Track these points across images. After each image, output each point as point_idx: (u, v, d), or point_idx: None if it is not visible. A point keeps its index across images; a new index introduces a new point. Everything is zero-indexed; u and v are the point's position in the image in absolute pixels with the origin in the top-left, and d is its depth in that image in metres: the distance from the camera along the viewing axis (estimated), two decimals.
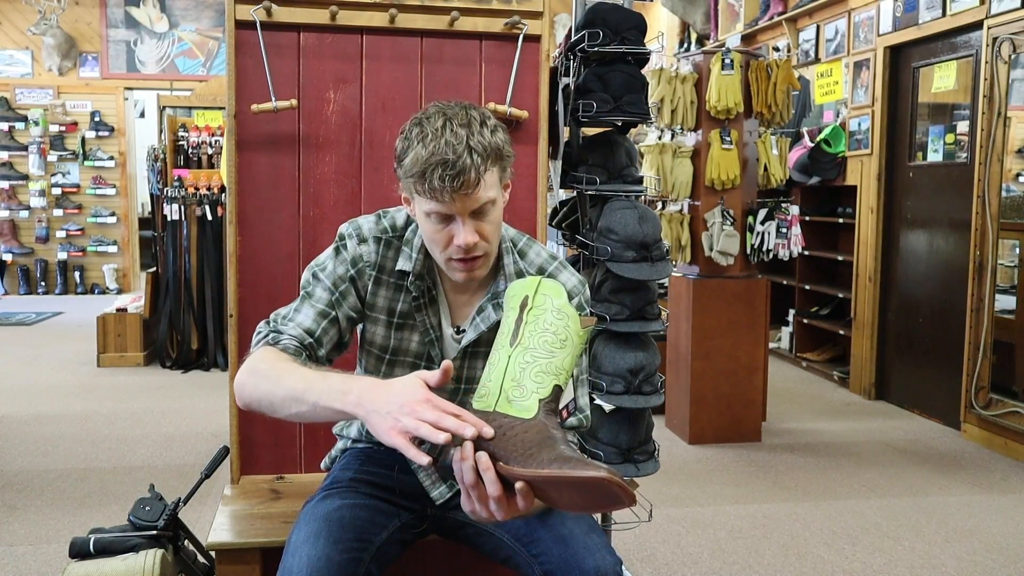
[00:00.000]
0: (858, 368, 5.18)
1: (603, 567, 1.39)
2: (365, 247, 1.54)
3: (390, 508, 1.59)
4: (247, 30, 2.05)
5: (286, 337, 1.47)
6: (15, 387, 5.00)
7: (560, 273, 1.57)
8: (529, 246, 1.59)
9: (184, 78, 9.06)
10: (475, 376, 1.55)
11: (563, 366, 1.28)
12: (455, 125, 1.35)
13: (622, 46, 2.24)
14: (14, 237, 8.98)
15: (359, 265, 1.54)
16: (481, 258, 1.44)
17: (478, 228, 1.40)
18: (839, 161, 5.31)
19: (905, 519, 3.20)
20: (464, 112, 1.38)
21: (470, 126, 1.36)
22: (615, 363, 2.16)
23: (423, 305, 1.54)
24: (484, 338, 1.53)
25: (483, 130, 1.37)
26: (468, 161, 1.33)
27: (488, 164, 1.36)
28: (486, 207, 1.39)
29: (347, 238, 1.55)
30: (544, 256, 1.59)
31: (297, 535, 1.44)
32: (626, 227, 2.15)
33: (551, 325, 1.28)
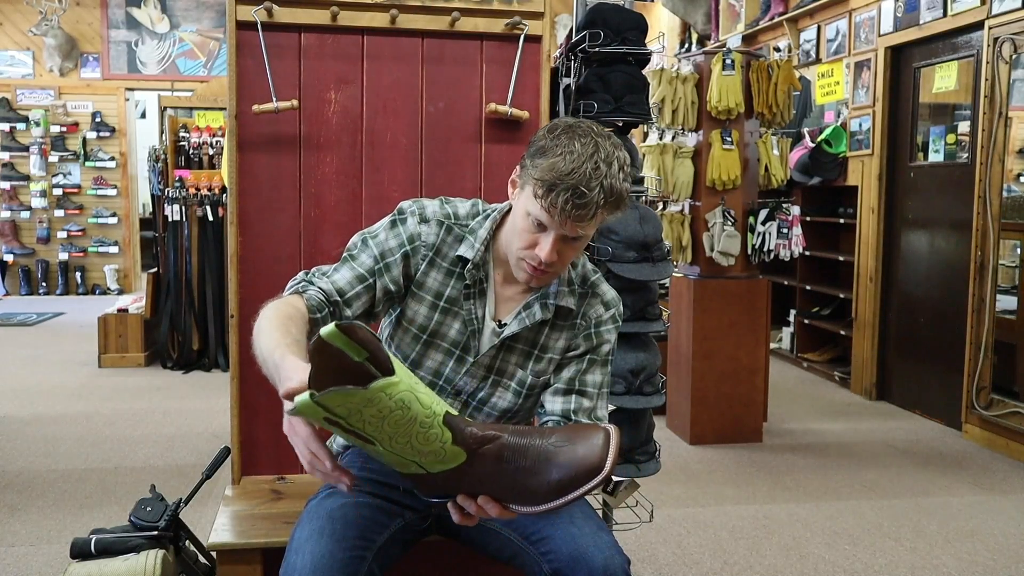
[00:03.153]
0: (859, 368, 5.17)
1: (612, 566, 1.40)
2: (426, 227, 1.55)
3: (392, 507, 1.59)
4: (248, 31, 2.05)
5: (314, 289, 1.48)
6: (16, 387, 5.00)
7: (601, 284, 1.62)
8: (579, 256, 1.62)
9: (185, 79, 9.07)
10: (506, 369, 1.58)
11: (417, 416, 1.13)
12: (599, 159, 1.36)
13: (623, 47, 2.24)
14: (15, 238, 8.98)
15: (416, 243, 1.55)
16: (552, 274, 1.49)
17: (561, 250, 1.44)
18: (840, 161, 5.31)
19: (906, 519, 3.20)
20: (611, 148, 1.39)
21: (611, 165, 1.37)
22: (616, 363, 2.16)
23: (473, 294, 1.55)
24: (523, 335, 1.56)
25: (619, 173, 1.38)
26: (595, 198, 1.36)
27: (607, 207, 1.39)
28: (581, 238, 1.44)
29: (408, 214, 1.56)
30: (589, 267, 1.63)
31: (300, 532, 1.44)
32: (627, 227, 2.15)
33: (375, 415, 1.11)
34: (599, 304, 1.60)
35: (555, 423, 1.55)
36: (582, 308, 1.59)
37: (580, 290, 1.59)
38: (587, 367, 1.58)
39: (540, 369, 1.58)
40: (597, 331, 1.59)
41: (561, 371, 1.59)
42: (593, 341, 1.59)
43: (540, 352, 1.58)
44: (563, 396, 1.57)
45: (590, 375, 1.59)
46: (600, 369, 1.60)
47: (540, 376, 1.59)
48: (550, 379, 1.60)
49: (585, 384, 1.58)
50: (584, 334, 1.58)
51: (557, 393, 1.58)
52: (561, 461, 1.20)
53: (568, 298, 1.56)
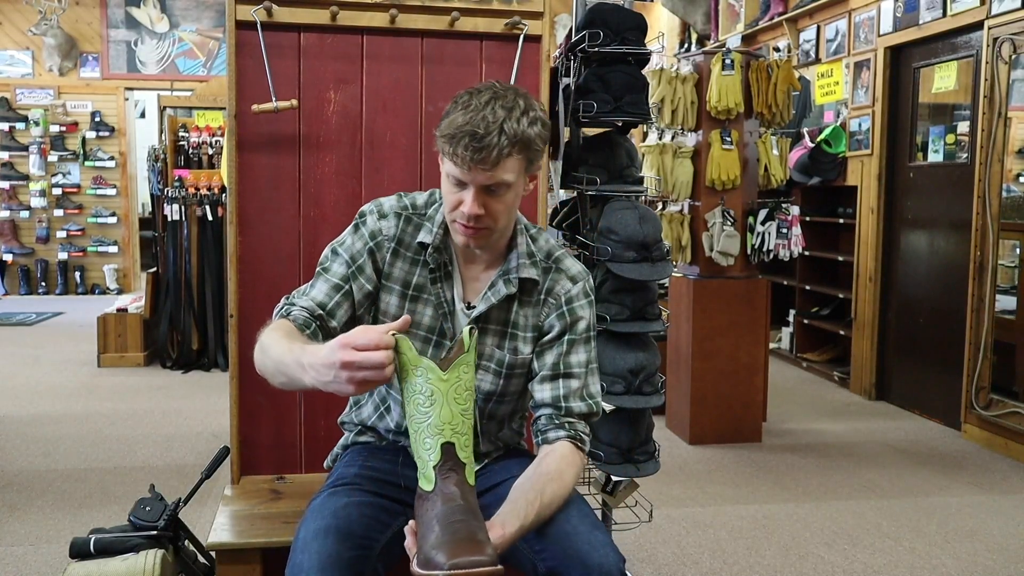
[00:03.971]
0: (858, 368, 5.18)
1: (607, 564, 1.40)
2: (385, 222, 1.59)
3: (394, 507, 1.59)
4: (248, 30, 2.05)
5: (297, 309, 1.53)
6: (16, 387, 5.00)
7: (565, 259, 1.63)
8: (540, 233, 1.65)
9: (185, 78, 9.07)
10: (483, 351, 1.58)
11: (441, 421, 1.26)
12: (497, 105, 1.41)
13: (623, 46, 2.24)
14: (14, 237, 8.98)
15: (378, 238, 1.59)
16: (483, 231, 1.49)
17: (486, 203, 1.45)
18: (839, 161, 5.31)
19: (905, 519, 3.20)
20: (513, 96, 1.44)
21: (512, 110, 1.41)
22: (615, 363, 2.16)
23: (439, 278, 1.58)
24: (494, 315, 1.58)
25: (522, 118, 1.42)
26: (495, 140, 1.39)
27: (513, 150, 1.42)
28: (500, 187, 1.45)
29: (367, 214, 1.61)
30: (552, 243, 1.64)
31: (305, 531, 1.44)
32: (626, 227, 2.15)
33: (415, 385, 1.27)
34: (565, 279, 1.60)
35: (548, 415, 1.57)
36: (547, 283, 1.60)
37: (544, 264, 1.60)
38: (568, 348, 1.58)
39: (515, 346, 1.59)
40: (570, 308, 1.59)
41: (544, 357, 1.59)
42: (567, 319, 1.59)
43: (513, 329, 1.59)
44: (550, 383, 1.58)
45: (573, 356, 1.58)
46: (583, 347, 1.60)
47: (517, 354, 1.59)
48: (528, 359, 1.60)
49: (570, 366, 1.58)
50: (557, 313, 1.59)
51: (544, 380, 1.59)
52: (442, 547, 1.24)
53: (530, 269, 1.57)
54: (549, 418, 1.56)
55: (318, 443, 2.15)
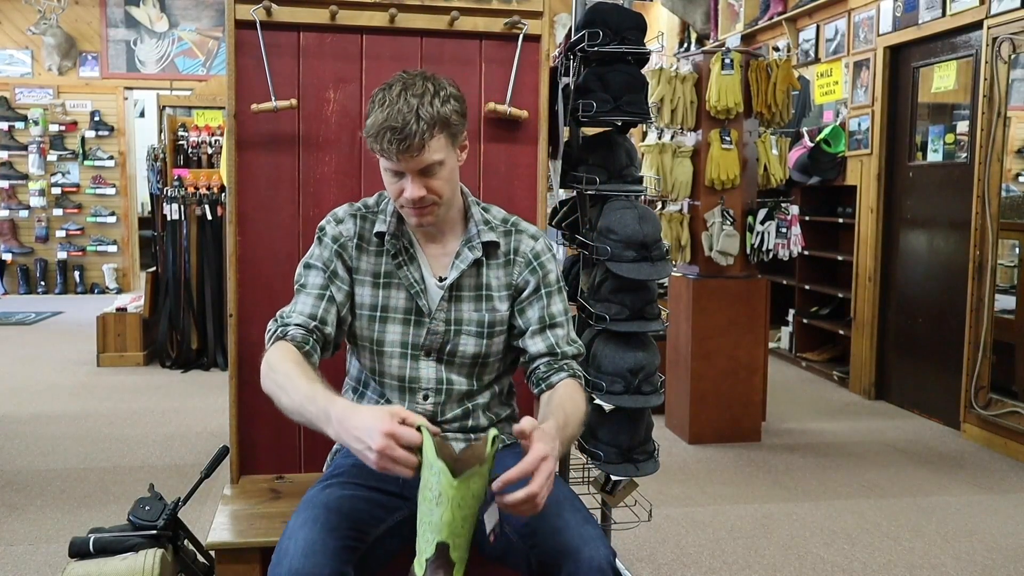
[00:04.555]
0: (858, 368, 5.18)
1: (597, 557, 1.41)
2: (343, 225, 1.69)
3: (391, 501, 1.60)
4: (247, 30, 2.05)
5: (292, 328, 1.60)
6: (15, 387, 5.00)
7: (521, 222, 1.74)
8: (490, 204, 1.77)
9: (184, 78, 9.06)
10: (462, 317, 1.67)
11: (442, 522, 1.30)
12: (409, 95, 1.50)
13: (622, 46, 2.24)
14: (14, 237, 8.98)
15: (341, 240, 1.68)
16: (430, 207, 1.58)
17: (426, 184, 1.55)
18: (839, 161, 5.31)
19: (905, 519, 3.21)
20: (422, 82, 1.53)
21: (423, 96, 1.50)
22: (615, 363, 2.16)
23: (403, 262, 1.67)
24: (466, 282, 1.67)
25: (434, 100, 1.50)
26: (414, 128, 1.48)
27: (434, 131, 1.50)
28: (433, 167, 1.53)
29: (326, 225, 1.71)
30: (504, 212, 1.76)
31: (295, 520, 1.47)
32: (626, 227, 2.15)
33: (428, 481, 1.31)
34: (527, 238, 1.71)
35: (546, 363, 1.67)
36: (512, 244, 1.70)
37: (503, 228, 1.71)
38: (547, 300, 1.69)
39: (492, 306, 1.68)
40: (539, 263, 1.70)
41: (528, 312, 1.69)
42: (539, 273, 1.69)
43: (487, 291, 1.69)
44: (541, 335, 1.68)
45: (554, 306, 1.70)
46: (558, 297, 1.71)
47: (495, 312, 1.68)
48: (506, 316, 1.69)
49: (554, 316, 1.69)
50: (528, 269, 1.69)
51: (535, 334, 1.68)
52: None
53: (490, 234, 1.68)
54: (548, 365, 1.67)
55: (317, 443, 2.15)
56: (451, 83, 1.58)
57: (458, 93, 1.57)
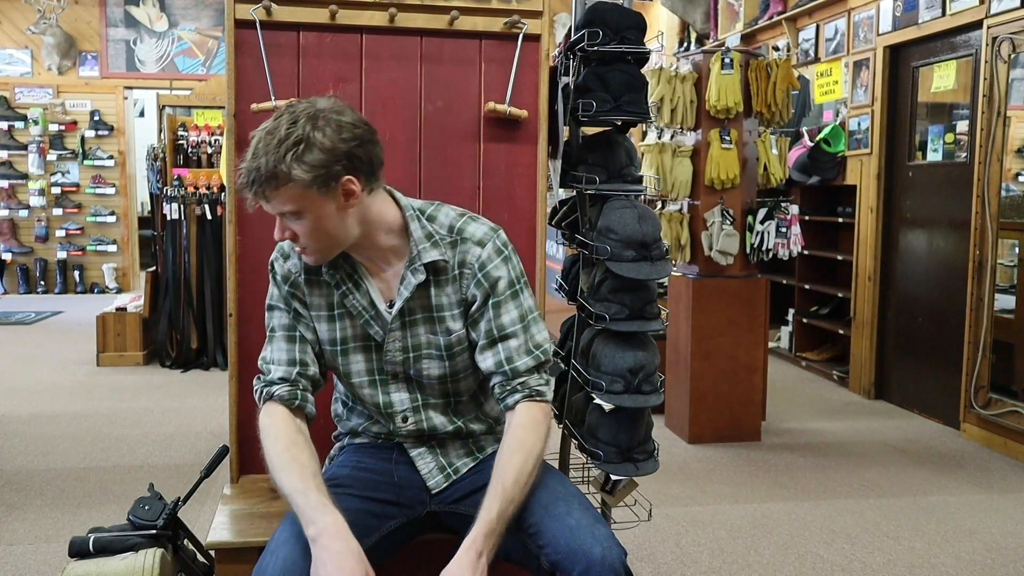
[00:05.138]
0: (858, 368, 5.18)
1: (610, 557, 1.41)
2: (290, 261, 1.64)
3: (384, 509, 1.60)
4: (247, 29, 2.05)
5: (276, 387, 1.59)
6: (15, 386, 5.00)
7: (468, 226, 1.62)
8: (438, 209, 1.64)
9: (184, 77, 9.06)
10: (419, 341, 1.61)
11: None
12: (265, 142, 1.43)
13: (622, 45, 2.23)
14: (13, 236, 8.97)
15: (291, 278, 1.64)
16: (308, 251, 1.53)
17: (291, 227, 1.49)
18: (839, 160, 5.31)
19: (904, 518, 3.21)
20: (287, 127, 1.43)
21: (280, 145, 1.41)
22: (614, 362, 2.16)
23: (348, 291, 1.61)
24: (416, 304, 1.60)
25: (287, 154, 1.41)
26: (259, 180, 1.43)
27: (279, 185, 1.43)
28: (292, 215, 1.47)
29: (274, 262, 1.67)
30: (452, 215, 1.63)
31: (280, 533, 1.46)
32: (625, 226, 2.15)
33: None
34: (472, 246, 1.60)
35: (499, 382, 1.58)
36: (457, 256, 1.59)
37: (448, 239, 1.60)
38: (496, 311, 1.58)
39: (447, 328, 1.61)
40: (484, 273, 1.59)
41: (477, 326, 1.60)
42: (485, 284, 1.58)
43: (438, 313, 1.61)
44: (490, 349, 1.59)
45: (504, 316, 1.59)
46: (511, 304, 1.59)
47: (451, 334, 1.61)
48: (463, 334, 1.61)
49: (504, 328, 1.58)
50: (474, 282, 1.59)
51: (483, 350, 1.60)
52: None
53: (432, 252, 1.57)
54: (501, 385, 1.59)
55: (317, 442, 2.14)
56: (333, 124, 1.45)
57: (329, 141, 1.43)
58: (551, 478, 1.60)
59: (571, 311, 2.30)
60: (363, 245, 1.57)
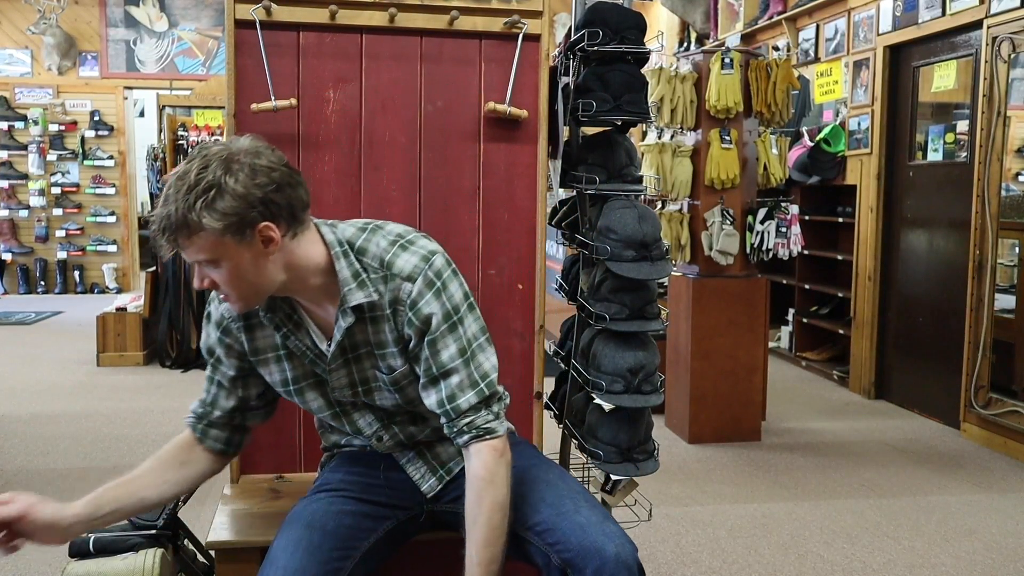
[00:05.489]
0: (858, 367, 5.18)
1: (623, 553, 1.42)
2: (225, 305, 1.56)
3: (379, 511, 1.60)
4: (247, 29, 2.05)
5: (188, 415, 1.65)
6: (15, 386, 5.00)
7: (398, 258, 1.50)
8: (371, 238, 1.52)
9: (184, 77, 9.06)
10: (366, 376, 1.56)
11: None
12: (175, 191, 1.35)
13: (622, 45, 2.23)
14: (13, 236, 8.97)
15: (224, 324, 1.59)
16: (229, 299, 1.45)
17: (207, 275, 1.42)
18: (839, 160, 5.31)
19: (904, 518, 3.21)
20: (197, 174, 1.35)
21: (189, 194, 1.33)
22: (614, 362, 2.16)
23: (288, 332, 1.56)
24: (357, 341, 1.53)
25: (196, 202, 1.33)
26: (168, 229, 1.35)
27: (191, 234, 1.35)
28: (208, 263, 1.40)
29: (210, 303, 1.62)
30: (384, 244, 1.51)
31: (279, 541, 1.47)
32: (625, 226, 2.15)
33: None
34: (401, 282, 1.49)
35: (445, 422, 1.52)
36: (388, 294, 1.50)
37: (380, 274, 1.50)
38: (433, 349, 1.50)
39: (391, 364, 1.54)
40: (415, 311, 1.49)
41: (418, 362, 1.53)
42: (417, 323, 1.49)
43: (379, 349, 1.54)
44: (432, 387, 1.52)
45: (443, 352, 1.50)
46: (450, 338, 1.50)
47: (393, 370, 1.55)
48: (406, 368, 1.54)
49: (443, 365, 1.49)
50: (406, 320, 1.50)
51: (426, 388, 1.53)
52: None
53: (358, 293, 1.48)
54: (447, 425, 1.52)
55: (317, 442, 2.14)
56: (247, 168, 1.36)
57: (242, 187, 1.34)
58: (554, 475, 1.60)
59: (571, 311, 2.30)
60: (294, 288, 1.49)
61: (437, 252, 1.53)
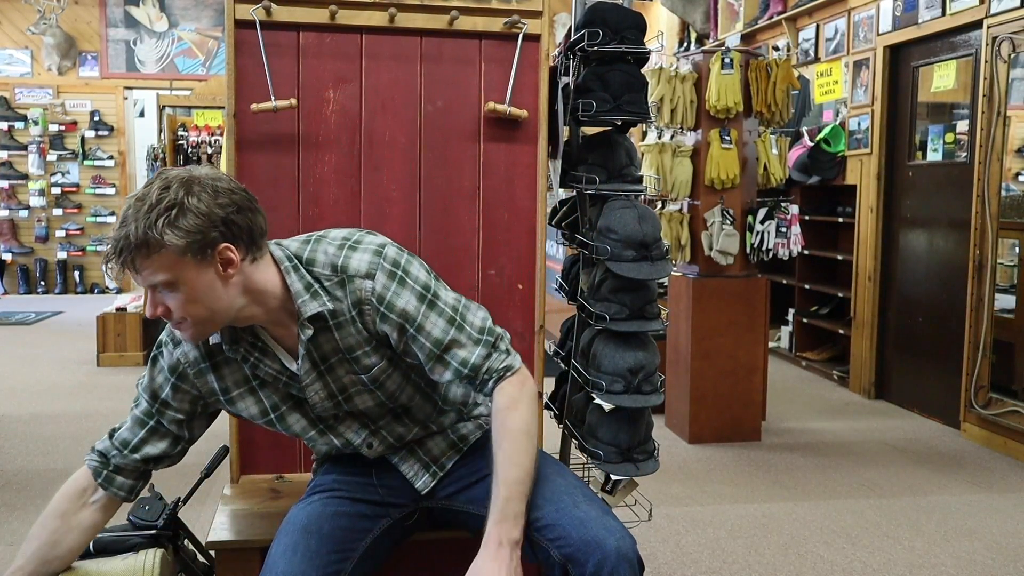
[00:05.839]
0: (858, 367, 5.18)
1: (623, 547, 1.42)
2: (181, 349, 1.55)
3: (376, 510, 1.60)
4: (247, 29, 2.05)
5: (93, 455, 1.64)
6: (15, 387, 5.00)
7: (351, 260, 1.49)
8: (316, 249, 1.51)
9: (184, 77, 9.06)
10: (343, 384, 1.55)
11: None
12: (134, 211, 1.34)
13: (622, 45, 2.23)
14: (14, 236, 8.97)
15: (180, 369, 1.57)
16: (185, 326, 1.43)
17: (163, 301, 1.40)
18: (839, 160, 5.31)
19: (904, 518, 3.21)
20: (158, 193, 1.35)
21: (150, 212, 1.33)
22: (615, 362, 2.16)
23: (256, 361, 1.54)
24: (326, 351, 1.51)
25: (158, 220, 1.32)
26: (125, 246, 1.34)
27: (149, 253, 1.34)
28: (164, 286, 1.38)
29: (163, 346, 1.59)
30: (332, 250, 1.50)
31: (276, 547, 1.47)
32: (625, 226, 2.15)
33: None
34: (361, 281, 1.47)
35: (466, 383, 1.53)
36: (350, 297, 1.48)
37: (335, 279, 1.48)
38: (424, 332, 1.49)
39: (367, 364, 1.53)
40: (387, 305, 1.47)
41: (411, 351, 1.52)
42: (393, 317, 1.48)
43: (349, 354, 1.52)
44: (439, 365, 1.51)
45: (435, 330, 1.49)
46: (433, 314, 1.49)
47: (371, 369, 1.53)
48: (383, 363, 1.54)
49: (441, 341, 1.49)
50: (379, 317, 1.48)
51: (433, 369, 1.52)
52: None
53: (312, 303, 1.47)
54: (472, 386, 1.54)
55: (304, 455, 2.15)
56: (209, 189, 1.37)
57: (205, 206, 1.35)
58: (552, 470, 1.60)
59: (571, 311, 2.30)
60: (255, 315, 1.47)
61: (387, 243, 1.52)
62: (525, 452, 1.47)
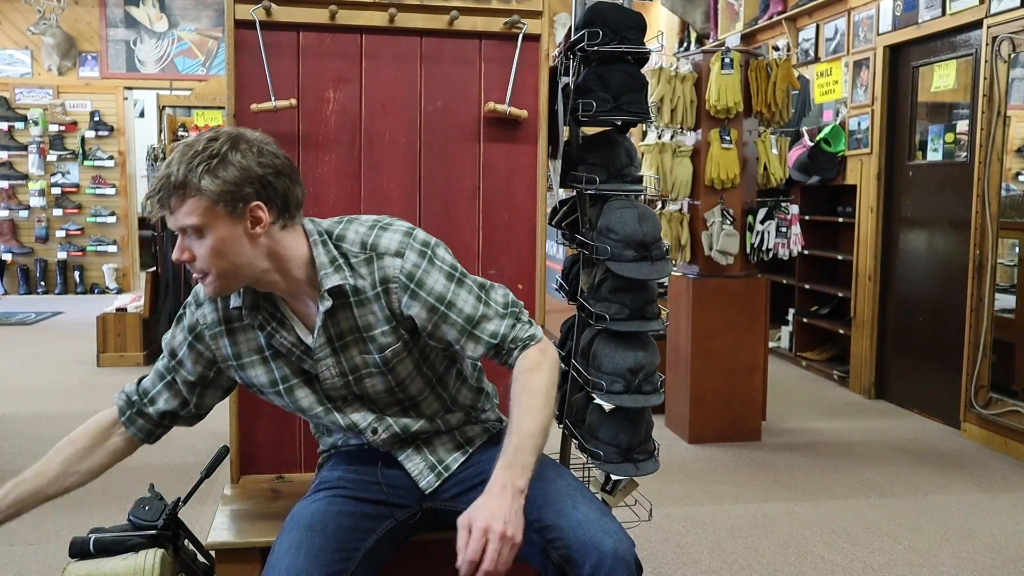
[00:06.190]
0: (858, 367, 5.18)
1: (621, 549, 1.42)
2: (202, 309, 1.60)
3: (380, 510, 1.60)
4: (247, 29, 2.05)
5: (120, 395, 1.72)
6: (15, 387, 5.00)
7: (381, 238, 1.53)
8: (347, 227, 1.55)
9: (184, 78, 9.06)
10: (355, 363, 1.56)
11: None
12: (186, 153, 1.42)
13: (622, 45, 2.23)
14: (14, 237, 8.97)
15: (197, 330, 1.61)
16: (208, 278, 1.46)
17: (188, 247, 1.44)
18: (839, 160, 5.31)
19: (905, 518, 3.21)
20: (207, 142, 1.42)
21: (195, 156, 1.41)
22: (615, 362, 2.16)
23: (273, 330, 1.56)
24: (344, 329, 1.53)
25: (198, 165, 1.39)
26: (164, 185, 1.41)
27: (186, 193, 1.40)
28: (192, 231, 1.42)
29: (186, 307, 1.64)
30: (363, 230, 1.54)
31: (280, 545, 1.47)
32: (626, 226, 2.15)
33: None
34: (391, 259, 1.51)
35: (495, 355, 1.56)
36: (377, 274, 1.51)
37: (363, 256, 1.52)
38: (455, 308, 1.52)
39: (383, 343, 1.54)
40: (417, 282, 1.50)
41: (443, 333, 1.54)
42: (422, 294, 1.51)
43: (366, 332, 1.54)
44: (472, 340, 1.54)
45: (466, 306, 1.53)
46: (462, 292, 1.53)
47: (385, 350, 1.55)
48: (398, 344, 1.55)
49: (472, 316, 1.53)
50: (408, 295, 1.51)
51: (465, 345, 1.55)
52: None
53: (335, 276, 1.49)
54: (499, 358, 1.57)
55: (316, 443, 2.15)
56: (255, 148, 1.43)
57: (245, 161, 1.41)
58: (551, 471, 1.60)
59: (571, 311, 2.30)
60: (278, 282, 1.50)
61: (416, 228, 1.57)
62: (542, 409, 1.49)
